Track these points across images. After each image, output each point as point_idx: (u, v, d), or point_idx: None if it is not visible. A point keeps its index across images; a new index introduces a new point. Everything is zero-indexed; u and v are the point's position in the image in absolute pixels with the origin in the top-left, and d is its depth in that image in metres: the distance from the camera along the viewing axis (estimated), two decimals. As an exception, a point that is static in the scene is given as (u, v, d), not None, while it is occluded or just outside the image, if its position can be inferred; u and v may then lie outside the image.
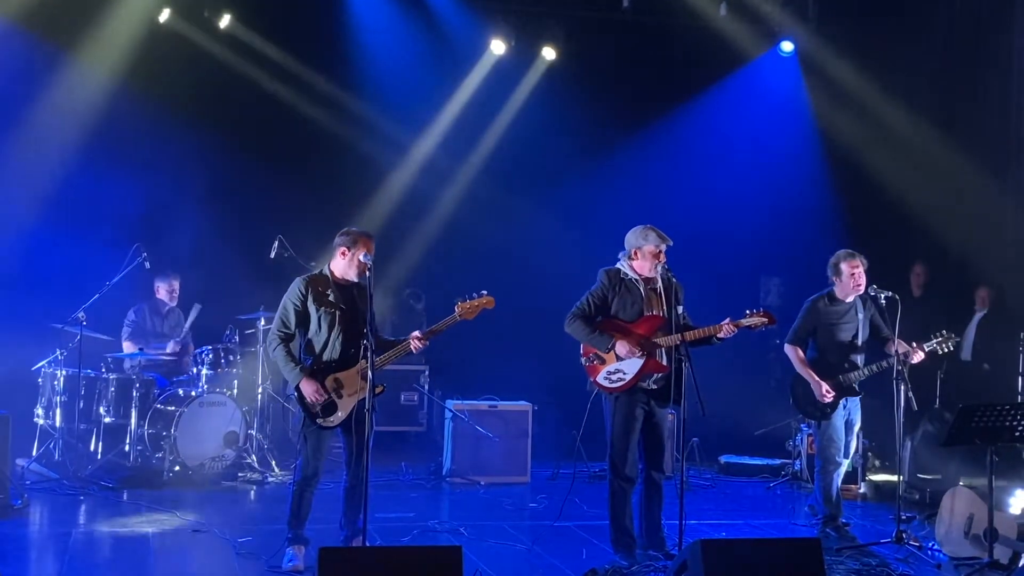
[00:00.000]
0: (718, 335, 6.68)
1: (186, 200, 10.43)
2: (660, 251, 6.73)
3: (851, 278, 7.59)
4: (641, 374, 6.69)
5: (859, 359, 7.69)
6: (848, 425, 7.76)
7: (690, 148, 11.62)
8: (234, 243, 10.45)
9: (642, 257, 6.75)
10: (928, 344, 7.40)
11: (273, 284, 6.81)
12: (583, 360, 6.88)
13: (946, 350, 7.48)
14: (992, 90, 10.38)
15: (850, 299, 7.67)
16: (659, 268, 6.74)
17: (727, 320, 6.67)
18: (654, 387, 6.76)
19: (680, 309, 6.73)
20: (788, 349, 7.77)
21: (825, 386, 7.55)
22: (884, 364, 7.56)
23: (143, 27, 10.31)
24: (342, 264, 6.50)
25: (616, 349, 6.67)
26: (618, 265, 6.86)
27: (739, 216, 11.51)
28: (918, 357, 7.41)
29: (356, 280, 6.54)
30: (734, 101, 11.74)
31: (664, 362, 6.70)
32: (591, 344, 6.76)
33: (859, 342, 7.69)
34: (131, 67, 10.26)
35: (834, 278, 7.69)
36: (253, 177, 10.69)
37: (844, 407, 7.68)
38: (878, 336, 7.71)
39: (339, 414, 6.43)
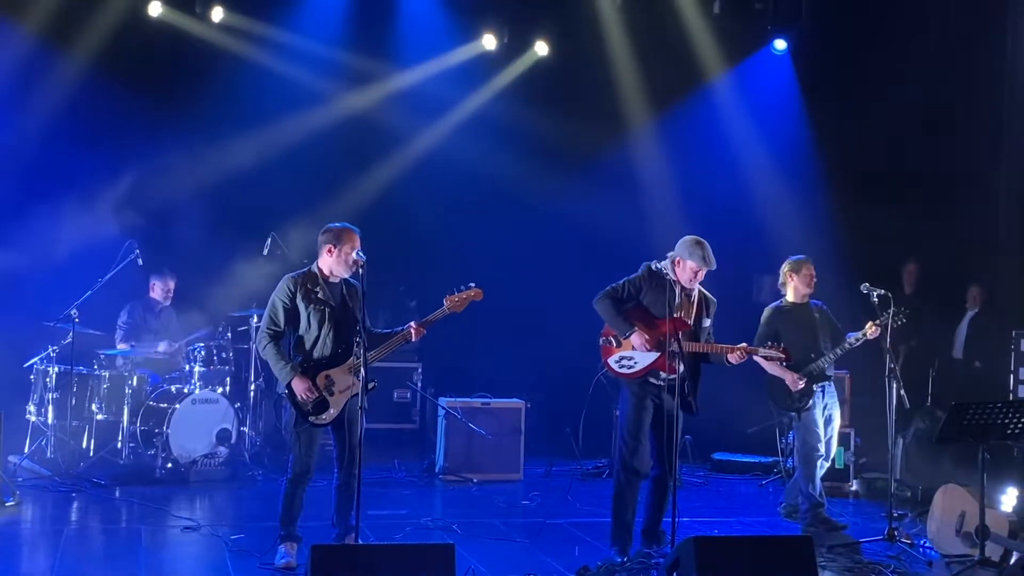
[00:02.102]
0: (729, 356, 6.75)
1: (179, 196, 10.42)
2: (699, 271, 6.79)
3: (811, 279, 7.98)
4: (651, 368, 6.78)
5: (825, 348, 7.89)
6: (827, 420, 7.91)
7: (683, 146, 11.61)
8: (227, 240, 10.43)
9: (682, 269, 6.82)
10: (879, 320, 7.52)
11: (266, 281, 6.81)
12: (601, 340, 6.98)
13: (899, 323, 7.60)
14: (984, 88, 10.40)
15: (802, 300, 7.99)
16: (668, 273, 6.77)
17: (743, 344, 6.74)
18: (661, 383, 6.80)
19: (707, 323, 6.88)
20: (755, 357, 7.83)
21: (794, 375, 7.73)
22: (846, 345, 7.79)
23: (134, 19, 10.28)
24: (329, 261, 6.50)
25: (633, 338, 6.76)
26: (663, 263, 6.89)
27: (732, 214, 11.49)
28: (874, 332, 7.53)
29: (345, 277, 6.55)
30: (727, 99, 11.73)
31: (675, 365, 6.72)
32: (613, 326, 6.87)
33: (818, 336, 7.90)
34: (125, 61, 10.24)
35: (791, 280, 7.99)
36: (247, 173, 10.67)
37: (821, 399, 7.85)
38: (836, 336, 7.97)
39: (331, 411, 6.42)
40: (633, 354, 6.81)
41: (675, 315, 6.80)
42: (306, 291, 6.45)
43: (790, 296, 8.01)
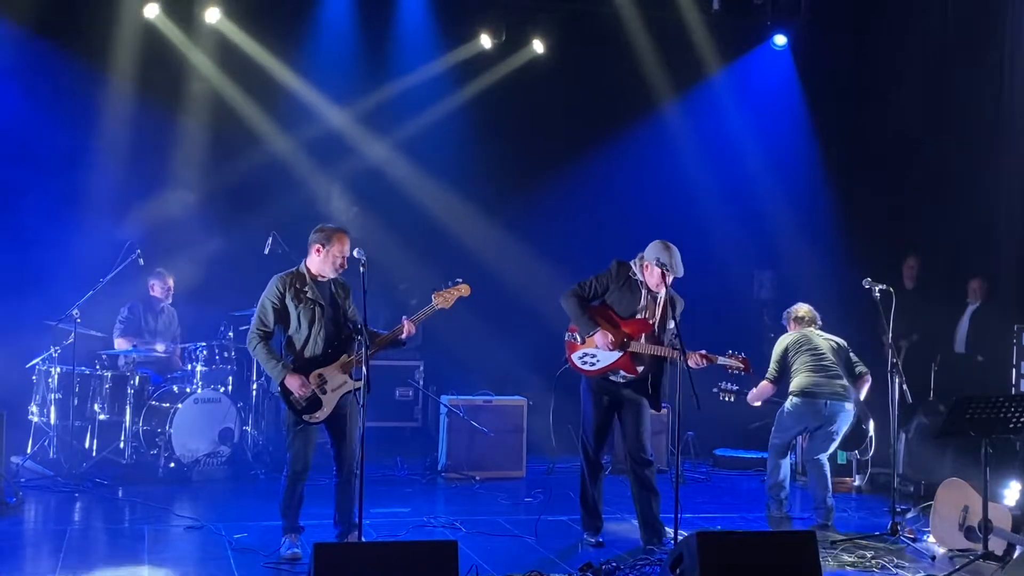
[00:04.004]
0: (689, 360, 6.79)
1: (180, 197, 10.42)
2: (665, 276, 6.85)
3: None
4: (611, 367, 6.95)
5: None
6: None
7: (683, 142, 11.61)
8: (228, 239, 10.44)
9: (649, 273, 6.92)
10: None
11: (268, 280, 6.78)
12: (566, 335, 7.14)
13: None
14: (985, 81, 10.38)
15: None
16: (636, 274, 6.95)
17: (703, 351, 6.78)
18: (622, 381, 7.00)
19: (672, 325, 6.93)
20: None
21: None
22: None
23: (133, 22, 10.27)
24: (317, 261, 6.54)
25: (596, 337, 6.89)
26: (632, 262, 7.00)
27: (732, 210, 11.51)
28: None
29: (332, 276, 6.57)
30: (728, 95, 11.73)
31: (636, 367, 6.93)
32: (577, 324, 7.03)
33: None
34: (123, 62, 10.23)
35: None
36: (247, 173, 10.68)
37: None
38: None
39: (324, 410, 6.47)
40: (596, 352, 6.95)
41: (639, 316, 6.92)
42: (295, 291, 6.49)
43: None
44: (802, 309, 8.25)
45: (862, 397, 8.01)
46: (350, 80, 11.07)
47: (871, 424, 8.00)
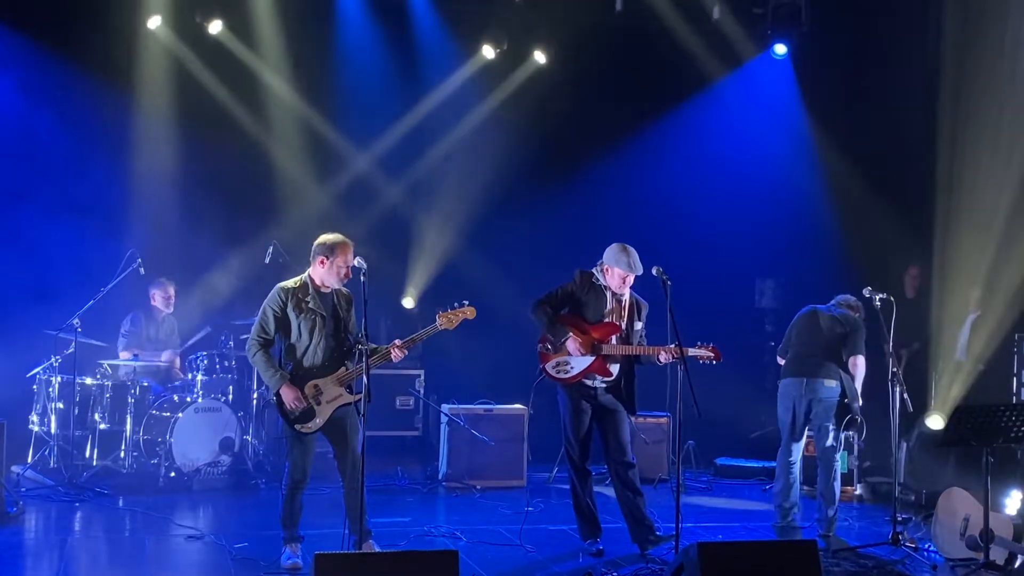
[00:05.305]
0: (659, 356, 6.89)
1: (182, 205, 10.43)
2: (627, 276, 7.03)
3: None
4: (586, 372, 7.04)
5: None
6: None
7: (684, 151, 11.62)
8: (229, 249, 10.44)
9: (611, 275, 7.09)
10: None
11: (268, 289, 6.80)
12: (538, 346, 7.21)
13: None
14: (984, 91, 10.40)
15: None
16: (599, 279, 7.08)
17: (674, 344, 6.75)
18: (601, 386, 7.08)
19: (639, 326, 7.11)
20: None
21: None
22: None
23: (136, 31, 10.29)
24: (321, 272, 6.57)
25: (568, 344, 6.99)
26: (594, 269, 7.18)
27: (733, 219, 11.52)
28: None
29: (337, 287, 6.58)
30: (728, 104, 11.74)
31: (610, 368, 7.04)
32: (549, 333, 7.12)
33: None
34: (128, 71, 10.26)
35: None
36: (249, 182, 10.69)
37: None
38: None
39: (317, 420, 6.48)
40: (569, 359, 7.05)
41: (607, 320, 7.04)
42: (297, 300, 6.52)
43: None
44: (845, 297, 8.15)
45: (856, 381, 7.82)
46: (349, 91, 11.09)
47: (857, 407, 7.86)
